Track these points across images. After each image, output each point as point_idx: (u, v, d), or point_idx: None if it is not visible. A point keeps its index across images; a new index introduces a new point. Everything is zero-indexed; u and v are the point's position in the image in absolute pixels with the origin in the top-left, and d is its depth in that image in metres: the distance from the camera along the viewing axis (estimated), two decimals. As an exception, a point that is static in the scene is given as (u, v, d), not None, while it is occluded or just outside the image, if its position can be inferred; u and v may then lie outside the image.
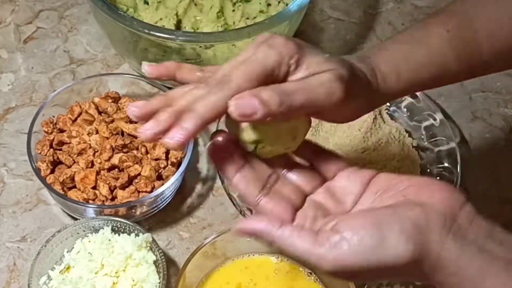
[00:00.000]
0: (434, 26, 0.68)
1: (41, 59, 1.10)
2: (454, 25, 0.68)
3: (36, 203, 0.95)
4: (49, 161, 0.90)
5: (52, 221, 0.93)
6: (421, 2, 1.22)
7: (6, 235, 0.92)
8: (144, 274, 0.82)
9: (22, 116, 1.03)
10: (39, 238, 0.91)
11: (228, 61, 0.56)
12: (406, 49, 0.66)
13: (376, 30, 1.17)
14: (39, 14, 1.16)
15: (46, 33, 1.13)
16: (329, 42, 1.15)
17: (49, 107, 0.94)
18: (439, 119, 0.98)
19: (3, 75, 1.07)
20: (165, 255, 0.84)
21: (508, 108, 1.08)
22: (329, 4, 1.21)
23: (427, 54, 0.66)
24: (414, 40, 0.68)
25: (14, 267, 0.89)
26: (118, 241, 0.84)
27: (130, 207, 0.88)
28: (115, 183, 0.89)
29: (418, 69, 0.66)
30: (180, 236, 0.93)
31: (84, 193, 0.89)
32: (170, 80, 0.60)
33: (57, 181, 0.89)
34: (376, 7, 1.21)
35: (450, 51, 0.67)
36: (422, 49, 0.67)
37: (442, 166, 0.95)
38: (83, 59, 1.10)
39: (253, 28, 0.94)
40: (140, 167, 0.90)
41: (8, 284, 0.88)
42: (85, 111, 0.95)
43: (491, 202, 0.98)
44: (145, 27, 0.91)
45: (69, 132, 0.93)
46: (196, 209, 0.96)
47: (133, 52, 1.01)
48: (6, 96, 1.05)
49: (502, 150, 1.04)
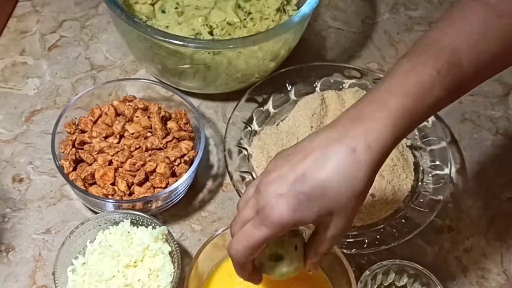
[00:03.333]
0: (423, 68, 0.65)
1: (64, 65, 1.10)
2: (444, 65, 0.65)
3: (59, 198, 0.95)
4: (71, 160, 0.91)
5: (75, 214, 0.94)
6: (415, 13, 1.22)
7: (32, 227, 0.92)
8: (160, 264, 0.82)
9: (47, 118, 1.03)
10: (63, 230, 0.92)
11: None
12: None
13: (373, 38, 1.18)
14: (62, 24, 1.16)
15: (69, 41, 1.14)
16: (330, 49, 1.16)
17: (71, 110, 0.95)
18: (431, 120, 0.99)
19: (29, 80, 1.08)
20: (179, 246, 0.84)
21: (494, 111, 1.08)
22: (330, 14, 1.21)
23: (420, 95, 0.64)
24: (407, 83, 0.65)
25: (39, 257, 0.89)
26: (137, 233, 0.84)
27: (146, 202, 0.89)
28: (133, 179, 0.90)
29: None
30: (192, 228, 0.93)
31: (104, 189, 0.89)
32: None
33: (79, 178, 0.89)
34: (373, 17, 1.21)
35: (442, 92, 0.65)
36: (415, 90, 0.64)
37: (434, 164, 0.96)
38: (103, 65, 1.11)
39: (258, 36, 0.94)
40: (155, 164, 0.90)
41: (34, 272, 0.88)
42: (105, 113, 0.96)
43: (479, 196, 0.98)
44: (159, 34, 0.92)
45: (90, 133, 0.94)
46: (207, 204, 0.96)
47: (149, 58, 1.01)
48: (32, 99, 1.06)
49: (489, 149, 1.04)
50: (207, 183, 0.98)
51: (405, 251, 0.91)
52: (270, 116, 1.03)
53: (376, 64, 1.14)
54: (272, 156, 0.94)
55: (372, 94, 0.65)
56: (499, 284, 0.90)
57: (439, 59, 0.65)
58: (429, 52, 0.66)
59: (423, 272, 0.82)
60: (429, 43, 0.67)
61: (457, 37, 0.67)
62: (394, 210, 0.92)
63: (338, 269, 0.79)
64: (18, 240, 0.91)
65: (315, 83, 1.05)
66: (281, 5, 1.07)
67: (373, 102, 0.64)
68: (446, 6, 1.23)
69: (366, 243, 0.87)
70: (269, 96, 1.03)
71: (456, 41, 0.66)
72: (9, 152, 0.99)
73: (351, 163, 0.61)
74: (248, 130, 0.99)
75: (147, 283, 0.81)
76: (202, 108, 1.06)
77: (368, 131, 0.62)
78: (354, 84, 1.05)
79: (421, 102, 0.64)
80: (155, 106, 0.97)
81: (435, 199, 0.91)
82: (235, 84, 1.04)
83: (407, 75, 0.65)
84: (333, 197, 0.62)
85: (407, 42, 1.17)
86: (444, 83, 0.65)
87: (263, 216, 0.63)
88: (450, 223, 0.95)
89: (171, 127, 0.95)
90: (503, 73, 0.72)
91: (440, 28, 0.68)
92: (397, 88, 0.64)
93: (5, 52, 1.11)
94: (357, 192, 0.62)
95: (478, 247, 0.93)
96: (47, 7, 1.18)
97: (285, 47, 1.02)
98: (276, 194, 0.62)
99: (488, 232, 0.94)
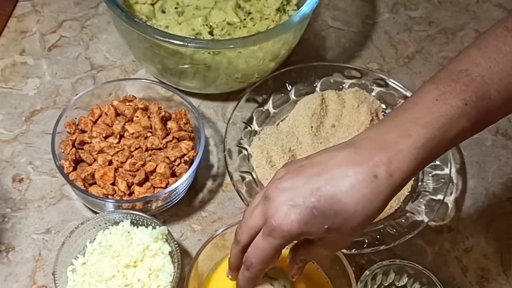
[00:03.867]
0: (451, 99, 0.64)
1: (64, 65, 1.10)
2: (472, 96, 0.64)
3: (59, 198, 0.95)
4: (71, 160, 0.91)
5: (75, 214, 0.94)
6: (415, 13, 1.22)
7: (32, 227, 0.92)
8: (160, 264, 0.82)
9: (47, 118, 1.03)
10: (63, 230, 0.92)
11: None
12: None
13: (373, 38, 1.17)
14: (62, 24, 1.16)
15: (69, 41, 1.14)
16: (330, 49, 1.16)
17: (71, 110, 0.95)
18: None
19: (29, 80, 1.08)
20: (179, 246, 0.84)
21: (495, 111, 1.08)
22: (330, 15, 1.21)
23: (446, 127, 0.64)
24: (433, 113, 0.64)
25: (39, 257, 0.89)
26: (137, 233, 0.84)
27: (146, 202, 0.88)
28: (133, 179, 0.90)
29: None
30: (192, 228, 0.93)
31: (104, 189, 0.89)
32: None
33: (79, 177, 0.89)
34: (373, 17, 1.21)
35: (467, 124, 0.65)
36: (441, 122, 0.64)
37: (434, 164, 0.95)
38: (103, 65, 1.10)
39: (258, 36, 0.94)
40: (155, 164, 0.90)
41: (34, 272, 0.88)
42: (105, 113, 0.96)
43: (479, 197, 0.98)
44: (159, 34, 0.92)
45: (90, 133, 0.94)
46: (207, 204, 0.96)
47: (149, 58, 1.01)
48: (32, 99, 1.05)
49: (489, 149, 1.04)
50: (207, 183, 0.98)
51: (405, 251, 0.90)
52: (270, 116, 1.03)
53: (376, 64, 1.14)
54: (272, 156, 0.95)
55: (397, 118, 0.65)
56: (499, 284, 0.90)
57: (467, 90, 0.64)
58: (458, 82, 0.65)
59: (423, 272, 0.82)
60: (459, 71, 0.66)
61: (488, 69, 0.65)
62: (394, 210, 0.92)
63: (338, 269, 0.79)
64: (18, 240, 0.90)
65: (315, 83, 1.05)
66: (281, 5, 1.07)
67: (397, 130, 0.64)
68: (446, 6, 1.23)
69: (366, 243, 0.87)
70: (269, 96, 1.03)
71: (487, 73, 0.65)
72: (9, 152, 0.99)
73: (371, 189, 0.61)
74: (248, 130, 0.99)
75: (147, 283, 0.81)
76: (202, 108, 1.06)
77: (391, 160, 0.62)
78: (354, 84, 1.05)
79: (445, 134, 0.64)
80: (155, 106, 0.97)
81: (435, 199, 0.91)
82: (235, 84, 1.04)
83: (434, 104, 0.64)
84: (346, 218, 0.62)
85: (407, 42, 1.17)
86: (470, 115, 0.64)
87: (271, 225, 0.63)
88: (450, 223, 0.95)
89: (171, 127, 0.95)
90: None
91: (473, 57, 0.67)
92: (423, 119, 0.64)
93: (5, 52, 1.11)
94: (370, 217, 0.63)
95: (478, 247, 0.93)
96: (47, 7, 1.18)
97: (285, 47, 1.02)
98: (288, 204, 0.62)
99: (488, 232, 0.94)
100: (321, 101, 1.00)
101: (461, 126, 0.64)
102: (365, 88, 1.04)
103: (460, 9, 1.23)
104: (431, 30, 1.19)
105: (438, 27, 1.20)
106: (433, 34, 1.19)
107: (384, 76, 1.04)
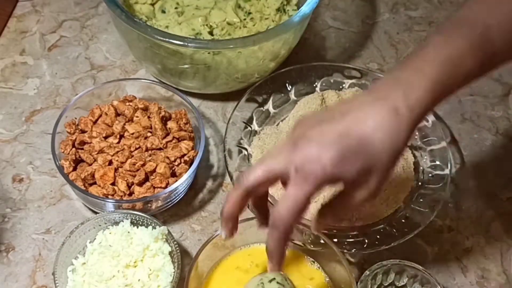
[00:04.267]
0: (456, 41, 0.67)
1: (64, 65, 1.10)
2: (476, 39, 0.67)
3: (59, 198, 0.95)
4: (71, 160, 0.91)
5: (75, 214, 0.93)
6: (415, 13, 1.22)
7: (32, 227, 0.92)
8: (160, 264, 0.82)
9: (47, 118, 1.03)
10: (63, 230, 0.92)
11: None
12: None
13: (373, 38, 1.17)
14: (62, 24, 1.16)
15: (69, 41, 1.14)
16: (330, 49, 1.16)
17: (71, 110, 0.94)
18: (431, 120, 0.98)
19: (29, 80, 1.08)
20: (179, 246, 0.84)
21: (494, 111, 1.08)
22: (330, 14, 1.21)
23: (454, 65, 0.66)
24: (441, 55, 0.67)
25: (39, 257, 0.89)
26: (137, 233, 0.84)
27: (146, 202, 0.88)
28: (133, 179, 0.89)
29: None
30: (192, 228, 0.93)
31: (104, 189, 0.89)
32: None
33: (79, 177, 0.89)
34: (373, 17, 1.21)
35: (474, 64, 0.67)
36: (449, 60, 0.66)
37: (434, 164, 0.95)
38: (103, 65, 1.10)
39: (258, 36, 0.94)
40: (155, 164, 0.90)
41: (34, 272, 0.88)
42: (105, 113, 0.96)
43: (479, 196, 0.98)
44: (159, 34, 0.92)
45: (90, 133, 0.94)
46: (207, 204, 0.96)
47: (149, 58, 1.01)
48: (32, 99, 1.05)
49: (489, 149, 1.03)
50: (207, 183, 0.98)
51: (405, 251, 0.90)
52: (270, 116, 1.02)
53: (376, 64, 1.14)
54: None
55: (407, 61, 0.67)
56: (499, 284, 0.90)
57: (471, 34, 0.67)
58: (461, 28, 0.68)
59: (423, 272, 0.82)
60: (460, 20, 0.69)
61: (488, 16, 0.68)
62: (394, 210, 0.92)
63: (338, 269, 0.79)
64: (18, 240, 0.90)
65: (315, 83, 1.05)
66: (281, 5, 1.07)
67: (409, 69, 0.66)
68: (446, 6, 1.23)
69: (366, 243, 0.87)
70: (269, 96, 1.03)
71: (488, 19, 0.68)
72: (9, 152, 0.99)
73: (394, 122, 0.63)
74: (248, 130, 0.99)
75: (147, 283, 0.81)
76: (202, 108, 1.05)
77: (408, 94, 0.64)
78: (354, 84, 1.04)
79: (454, 72, 0.66)
80: (155, 106, 0.97)
81: (435, 199, 0.91)
82: (235, 84, 1.04)
83: (441, 46, 0.66)
84: (376, 154, 0.63)
85: (407, 42, 1.17)
86: (476, 56, 0.66)
87: (303, 172, 0.62)
88: (450, 223, 0.95)
89: (171, 127, 0.95)
90: (503, 73, 0.72)
91: (472, 7, 0.70)
92: (432, 57, 0.66)
93: (5, 52, 1.11)
94: (398, 149, 0.64)
95: (478, 247, 0.93)
96: (47, 7, 1.18)
97: (285, 47, 1.02)
98: (318, 149, 0.62)
99: (488, 232, 0.94)
100: (321, 101, 1.00)
101: (468, 65, 0.66)
102: (365, 88, 1.04)
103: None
104: (431, 30, 1.19)
105: (438, 27, 1.20)
106: (433, 34, 1.19)
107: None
